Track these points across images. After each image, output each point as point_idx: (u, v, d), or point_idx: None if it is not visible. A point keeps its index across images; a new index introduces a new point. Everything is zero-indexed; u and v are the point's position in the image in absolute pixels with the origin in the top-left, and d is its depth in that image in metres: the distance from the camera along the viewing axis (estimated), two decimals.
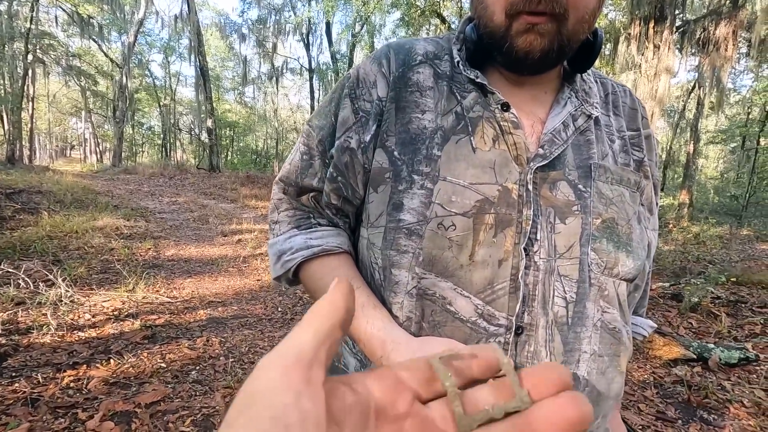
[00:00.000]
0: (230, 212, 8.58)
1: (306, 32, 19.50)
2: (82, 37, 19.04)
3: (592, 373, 0.54)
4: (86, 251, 4.53)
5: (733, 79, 18.69)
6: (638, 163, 0.62)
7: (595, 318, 0.54)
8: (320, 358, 0.19)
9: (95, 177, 12.49)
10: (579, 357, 0.54)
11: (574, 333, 0.54)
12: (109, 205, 7.42)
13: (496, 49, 0.54)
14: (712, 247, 7.25)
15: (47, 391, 2.02)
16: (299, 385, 0.17)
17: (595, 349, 0.54)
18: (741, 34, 8.12)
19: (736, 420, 2.18)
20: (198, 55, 15.37)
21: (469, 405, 0.20)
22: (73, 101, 29.24)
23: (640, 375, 2.64)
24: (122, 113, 17.10)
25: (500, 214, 0.53)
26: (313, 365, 0.18)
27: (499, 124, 0.56)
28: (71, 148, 41.79)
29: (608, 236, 0.55)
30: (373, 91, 0.60)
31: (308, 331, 0.19)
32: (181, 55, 25.24)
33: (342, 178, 0.61)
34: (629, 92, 0.67)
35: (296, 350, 0.18)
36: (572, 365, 0.54)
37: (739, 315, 3.66)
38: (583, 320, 0.54)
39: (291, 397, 0.16)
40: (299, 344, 0.19)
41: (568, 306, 0.53)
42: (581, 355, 0.54)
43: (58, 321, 2.77)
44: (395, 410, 0.20)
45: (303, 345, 0.19)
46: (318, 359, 0.18)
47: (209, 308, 3.40)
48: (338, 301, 0.21)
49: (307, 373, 0.18)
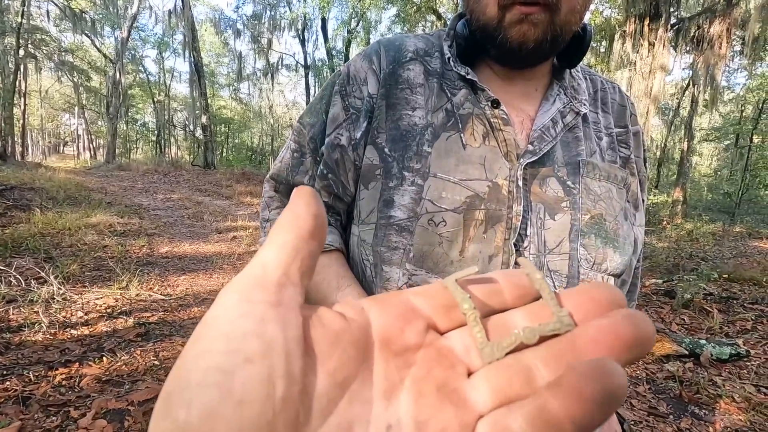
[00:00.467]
0: (225, 209, 8.55)
1: (301, 28, 19.40)
2: (75, 32, 18.83)
3: None
4: (79, 248, 4.50)
5: (727, 77, 18.83)
6: (625, 160, 0.62)
7: None
8: (292, 277, 0.15)
9: (88, 174, 12.39)
10: None
11: None
12: (102, 202, 7.37)
13: (490, 42, 0.54)
14: (705, 244, 7.31)
15: (39, 389, 2.00)
16: (263, 310, 0.14)
17: None
18: (735, 32, 8.16)
19: (727, 415, 2.21)
20: (192, 51, 15.25)
21: (496, 330, 0.17)
22: (65, 97, 28.95)
23: (633, 371, 2.66)
24: (116, 109, 16.96)
25: (490, 210, 0.54)
26: (283, 286, 0.15)
27: (489, 120, 0.56)
28: (64, 145, 41.43)
29: (596, 232, 0.56)
30: (364, 88, 0.60)
31: (271, 247, 0.16)
32: (175, 51, 25.02)
33: (332, 175, 0.61)
34: (618, 89, 0.67)
35: (258, 270, 0.15)
36: None
37: (730, 311, 3.70)
38: None
39: (251, 324, 0.13)
40: (261, 263, 0.15)
41: None
42: None
43: (50, 318, 2.75)
44: (403, 341, 0.17)
45: (266, 263, 0.15)
46: (289, 278, 0.15)
47: (204, 305, 3.38)
48: (300, 208, 0.16)
49: (275, 295, 0.15)
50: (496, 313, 0.18)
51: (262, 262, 0.15)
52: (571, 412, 0.13)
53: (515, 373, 0.16)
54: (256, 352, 0.13)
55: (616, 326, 0.15)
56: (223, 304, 0.14)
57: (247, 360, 0.13)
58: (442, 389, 0.16)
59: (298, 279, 0.16)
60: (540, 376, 0.15)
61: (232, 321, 0.14)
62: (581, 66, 0.65)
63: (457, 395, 0.16)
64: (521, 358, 0.16)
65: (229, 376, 0.12)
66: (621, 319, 0.15)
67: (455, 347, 0.17)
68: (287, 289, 0.15)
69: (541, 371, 0.16)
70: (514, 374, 0.16)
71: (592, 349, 0.15)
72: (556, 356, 0.15)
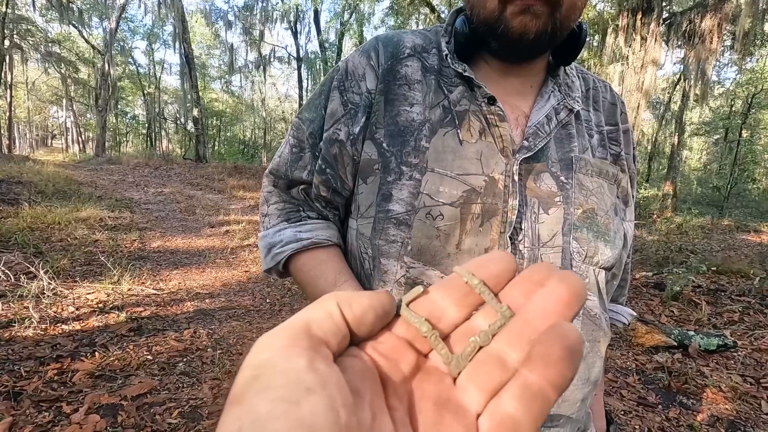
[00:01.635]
0: (217, 203, 8.49)
1: (294, 20, 19.18)
2: (62, 23, 18.42)
3: None
4: (69, 243, 4.45)
5: (718, 72, 19.00)
6: (615, 156, 0.64)
7: None
8: (330, 343, 0.16)
9: (78, 167, 12.22)
10: None
11: None
12: (92, 196, 7.28)
13: (491, 34, 0.55)
14: (694, 237, 7.42)
15: (30, 385, 1.99)
16: (310, 353, 0.15)
17: None
18: (726, 27, 8.23)
19: (714, 404, 2.26)
20: (183, 43, 15.03)
21: (465, 338, 0.19)
22: (53, 89, 28.44)
23: (623, 362, 2.71)
24: (105, 102, 16.70)
25: (486, 204, 0.55)
26: (322, 343, 0.16)
27: (486, 117, 0.57)
28: (52, 138, 40.78)
29: (588, 226, 0.57)
30: (362, 83, 0.61)
31: (319, 309, 0.17)
32: (165, 43, 24.67)
33: (331, 170, 0.62)
34: (609, 87, 0.69)
35: (303, 323, 0.16)
36: None
37: (718, 303, 3.77)
38: None
39: (304, 361, 0.14)
40: (306, 318, 0.16)
41: None
42: None
43: (41, 314, 2.73)
44: (400, 372, 0.18)
45: (311, 321, 0.16)
46: (327, 343, 0.16)
47: (196, 300, 3.37)
48: (366, 303, 0.18)
49: (317, 344, 0.16)
50: (466, 317, 0.20)
51: (307, 318, 0.17)
52: (547, 376, 0.16)
53: (491, 366, 0.18)
54: (316, 384, 0.14)
55: (553, 292, 0.17)
56: (272, 347, 0.15)
57: (309, 390, 0.13)
58: (438, 403, 0.18)
59: (335, 348, 0.17)
60: (511, 359, 0.17)
61: (286, 360, 0.14)
62: (574, 65, 0.66)
63: (452, 404, 0.18)
64: (490, 351, 0.18)
65: (296, 406, 0.13)
66: (555, 284, 0.18)
67: (438, 364, 0.19)
68: (323, 348, 0.16)
69: (510, 354, 0.18)
70: (490, 367, 0.18)
71: (542, 318, 0.17)
72: (518, 336, 0.18)
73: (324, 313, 0.17)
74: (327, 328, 0.17)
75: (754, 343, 2.99)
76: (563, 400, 0.56)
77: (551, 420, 0.57)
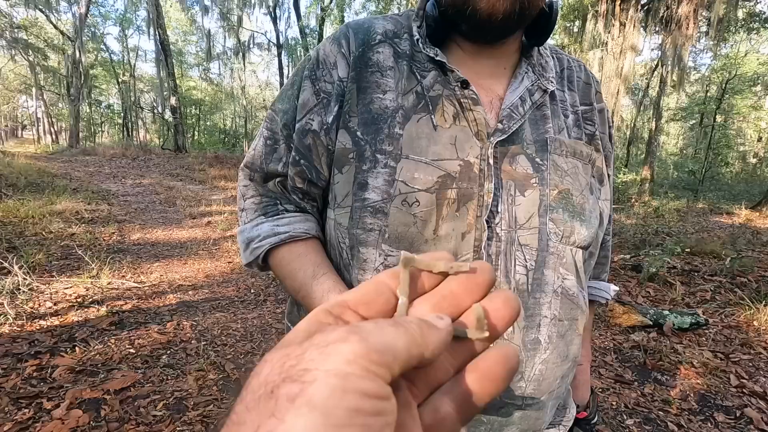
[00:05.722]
0: (198, 194, 8.34)
1: (273, 5, 18.70)
2: (27, 7, 17.59)
3: (553, 337, 0.57)
4: (44, 237, 4.32)
5: (694, 58, 19.37)
6: (590, 136, 0.64)
7: (555, 284, 0.57)
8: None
9: (51, 159, 11.81)
10: (540, 321, 0.56)
11: (533, 299, 0.56)
12: (67, 188, 7.06)
13: (459, 16, 0.54)
14: (670, 220, 7.63)
15: (8, 382, 1.95)
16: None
17: (555, 314, 0.57)
18: (702, 13, 8.36)
19: (687, 380, 2.36)
20: (157, 28, 14.53)
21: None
22: (21, 77, 27.23)
23: (601, 342, 2.79)
24: (77, 90, 16.11)
25: (462, 188, 0.55)
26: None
27: (459, 101, 0.57)
28: (23, 128, 39.23)
29: (564, 206, 0.58)
30: (334, 72, 0.60)
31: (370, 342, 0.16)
32: (139, 28, 23.78)
33: (305, 161, 0.61)
34: (584, 67, 0.69)
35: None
36: (533, 330, 0.56)
37: (692, 283, 3.91)
38: (543, 286, 0.56)
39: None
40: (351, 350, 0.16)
41: (528, 273, 0.56)
42: (542, 319, 0.57)
43: (17, 310, 2.65)
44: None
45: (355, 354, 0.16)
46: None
47: (179, 292, 3.33)
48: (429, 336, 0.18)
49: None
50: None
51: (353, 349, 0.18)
52: (487, 389, 0.19)
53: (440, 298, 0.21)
54: (375, 410, 0.14)
55: (471, 277, 0.21)
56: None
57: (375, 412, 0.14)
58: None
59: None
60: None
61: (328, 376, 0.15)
62: (548, 45, 0.66)
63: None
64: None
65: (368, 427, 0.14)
66: (474, 267, 0.21)
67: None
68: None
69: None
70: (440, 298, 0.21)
71: (462, 294, 0.21)
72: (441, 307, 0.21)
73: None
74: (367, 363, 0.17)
75: (724, 320, 3.12)
76: (543, 378, 0.57)
77: (526, 401, 0.58)
